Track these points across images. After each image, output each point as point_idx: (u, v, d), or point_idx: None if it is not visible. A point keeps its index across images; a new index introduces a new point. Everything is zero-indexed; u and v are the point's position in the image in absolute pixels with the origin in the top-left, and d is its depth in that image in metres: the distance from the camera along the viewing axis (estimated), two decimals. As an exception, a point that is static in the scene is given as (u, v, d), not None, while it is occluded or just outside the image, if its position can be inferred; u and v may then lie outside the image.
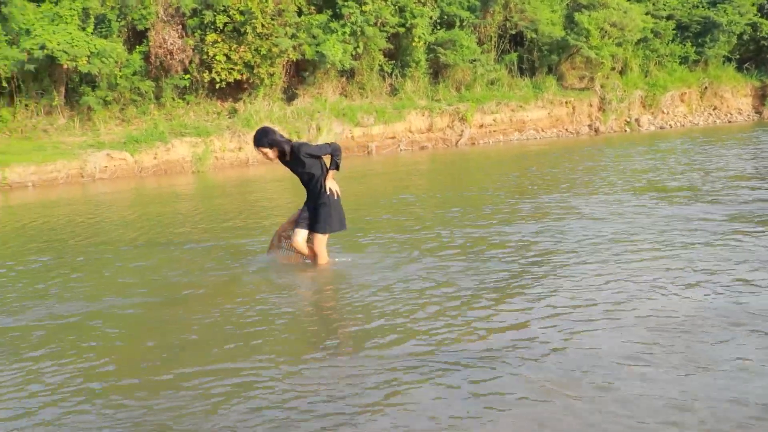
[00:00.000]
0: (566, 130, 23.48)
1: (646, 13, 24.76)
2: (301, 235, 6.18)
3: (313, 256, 6.22)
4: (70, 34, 17.01)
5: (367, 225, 8.20)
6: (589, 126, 23.77)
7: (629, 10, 23.34)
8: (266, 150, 5.97)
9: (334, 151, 6.02)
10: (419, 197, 10.86)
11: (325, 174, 6.07)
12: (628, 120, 24.21)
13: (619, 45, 23.38)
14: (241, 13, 18.36)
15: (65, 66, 16.98)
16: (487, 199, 9.92)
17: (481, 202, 9.63)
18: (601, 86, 23.96)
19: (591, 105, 23.96)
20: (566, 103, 23.59)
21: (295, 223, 6.23)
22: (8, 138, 17.54)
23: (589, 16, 22.69)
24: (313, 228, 6.14)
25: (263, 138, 5.97)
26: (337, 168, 6.05)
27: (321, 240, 6.16)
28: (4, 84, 17.23)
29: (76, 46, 16.80)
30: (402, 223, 8.30)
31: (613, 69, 24.16)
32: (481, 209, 8.90)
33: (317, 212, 6.08)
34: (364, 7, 19.73)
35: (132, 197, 13.93)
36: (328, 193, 6.04)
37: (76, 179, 16.85)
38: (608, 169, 12.93)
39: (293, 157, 6.02)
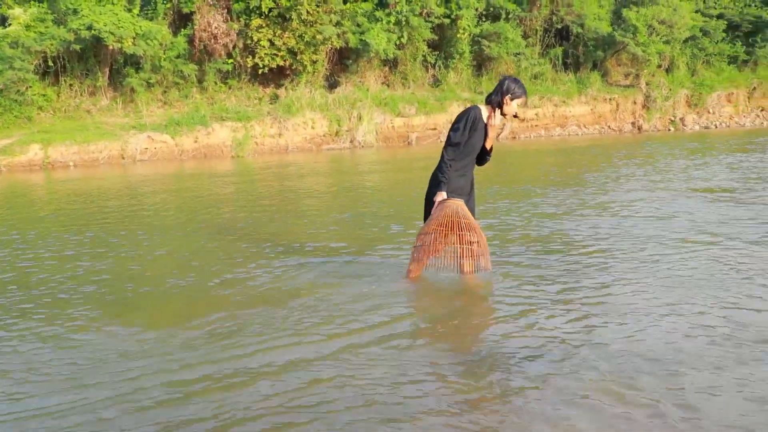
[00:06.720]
0: (609, 127, 23.06)
1: (696, 11, 24.25)
2: None
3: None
4: (117, 15, 17.04)
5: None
6: (633, 124, 23.32)
7: (679, 7, 22.80)
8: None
9: None
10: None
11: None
12: (673, 119, 23.70)
13: (666, 43, 22.87)
14: (287, -1, 18.27)
15: (111, 47, 17.03)
16: (538, 193, 9.67)
17: (528, 195, 9.38)
18: (647, 84, 23.49)
19: (635, 102, 23.51)
20: (610, 99, 23.17)
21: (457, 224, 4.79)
22: (52, 117, 17.67)
23: (638, 12, 22.23)
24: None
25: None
26: None
27: None
28: (50, 63, 17.33)
29: (122, 27, 16.83)
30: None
31: (659, 67, 23.67)
32: (534, 203, 8.67)
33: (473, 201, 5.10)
34: (409, -3, 19.53)
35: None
36: None
37: (117, 160, 16.91)
38: (662, 166, 12.59)
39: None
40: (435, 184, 4.88)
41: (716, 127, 23.65)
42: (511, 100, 4.81)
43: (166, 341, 4.05)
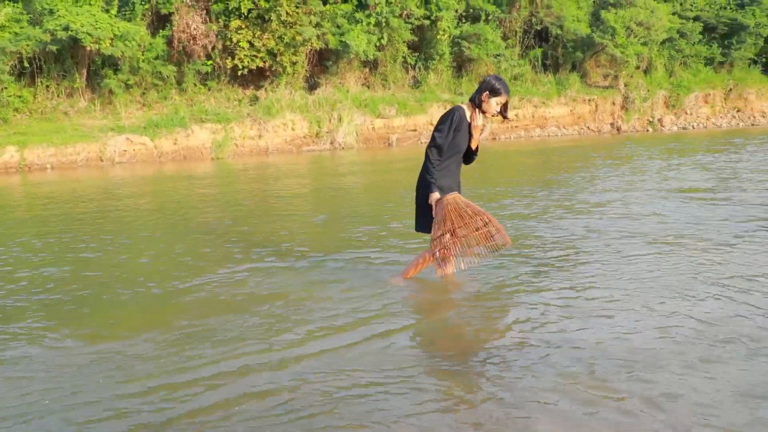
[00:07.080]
0: (588, 128, 23.23)
1: (673, 13, 24.54)
2: None
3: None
4: (94, 15, 16.88)
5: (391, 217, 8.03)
6: (612, 124, 23.52)
7: (656, 9, 23.07)
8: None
9: None
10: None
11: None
12: (651, 120, 23.94)
13: (644, 44, 23.11)
14: (266, 0, 18.18)
15: (88, 48, 16.85)
16: (517, 194, 9.72)
17: (506, 196, 9.43)
18: (625, 85, 23.72)
19: (614, 103, 23.72)
20: (589, 100, 23.35)
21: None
22: (28, 119, 17.46)
23: (616, 14, 22.44)
24: None
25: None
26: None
27: None
28: (26, 64, 17.12)
29: (100, 28, 16.67)
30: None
31: (637, 68, 23.91)
32: (511, 204, 8.71)
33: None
34: (389, -2, 19.56)
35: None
36: None
37: (95, 162, 16.76)
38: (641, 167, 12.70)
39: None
40: (425, 185, 4.79)
41: (693, 127, 23.92)
42: (490, 97, 4.71)
43: (119, 354, 3.86)
